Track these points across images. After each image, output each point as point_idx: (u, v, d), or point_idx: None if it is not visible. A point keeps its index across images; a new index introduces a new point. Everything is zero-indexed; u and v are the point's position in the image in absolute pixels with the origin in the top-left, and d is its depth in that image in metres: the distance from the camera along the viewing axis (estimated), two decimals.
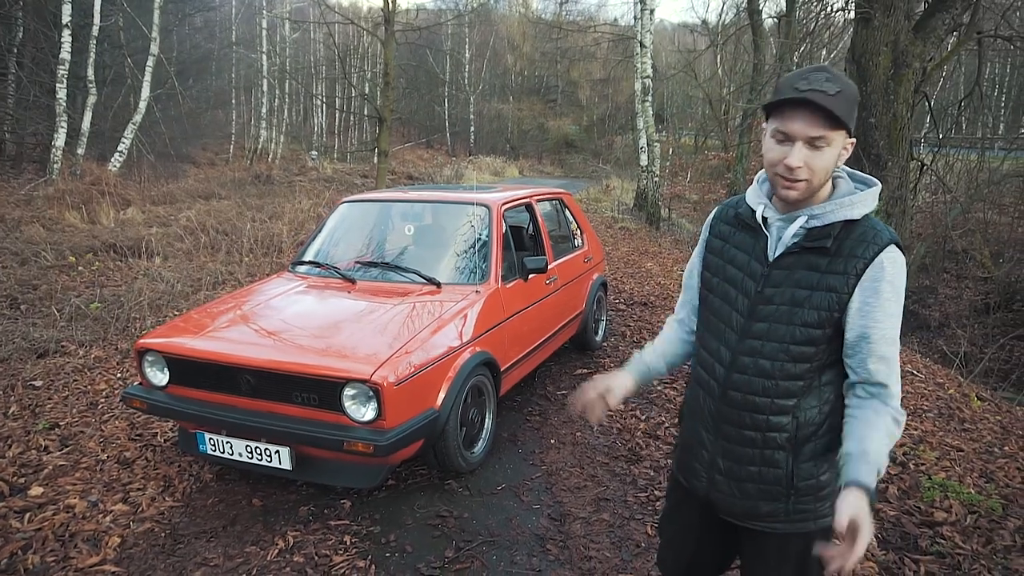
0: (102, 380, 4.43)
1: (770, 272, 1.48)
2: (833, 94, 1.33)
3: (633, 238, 12.00)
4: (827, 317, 1.41)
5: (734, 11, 19.40)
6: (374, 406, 2.80)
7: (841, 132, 1.36)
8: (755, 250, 1.51)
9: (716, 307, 1.59)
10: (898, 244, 1.41)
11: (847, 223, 1.41)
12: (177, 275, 7.10)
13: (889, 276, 1.38)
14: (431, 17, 26.67)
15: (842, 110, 1.33)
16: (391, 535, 2.86)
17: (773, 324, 1.46)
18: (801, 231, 1.44)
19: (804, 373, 1.45)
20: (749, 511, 1.55)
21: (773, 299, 1.46)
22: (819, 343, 1.43)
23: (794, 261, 1.45)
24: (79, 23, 14.21)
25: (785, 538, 1.53)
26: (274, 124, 26.99)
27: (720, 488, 1.58)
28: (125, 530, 2.86)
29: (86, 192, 11.93)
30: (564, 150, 35.20)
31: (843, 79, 1.37)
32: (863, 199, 1.42)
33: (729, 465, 1.56)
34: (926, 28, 6.70)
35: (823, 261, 1.41)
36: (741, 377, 1.51)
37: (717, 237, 1.62)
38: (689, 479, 1.67)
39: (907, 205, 7.24)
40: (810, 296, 1.42)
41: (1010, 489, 3.26)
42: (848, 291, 1.39)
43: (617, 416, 4.13)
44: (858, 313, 1.39)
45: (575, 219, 5.30)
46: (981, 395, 4.87)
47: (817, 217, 1.42)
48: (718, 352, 1.57)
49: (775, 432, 1.48)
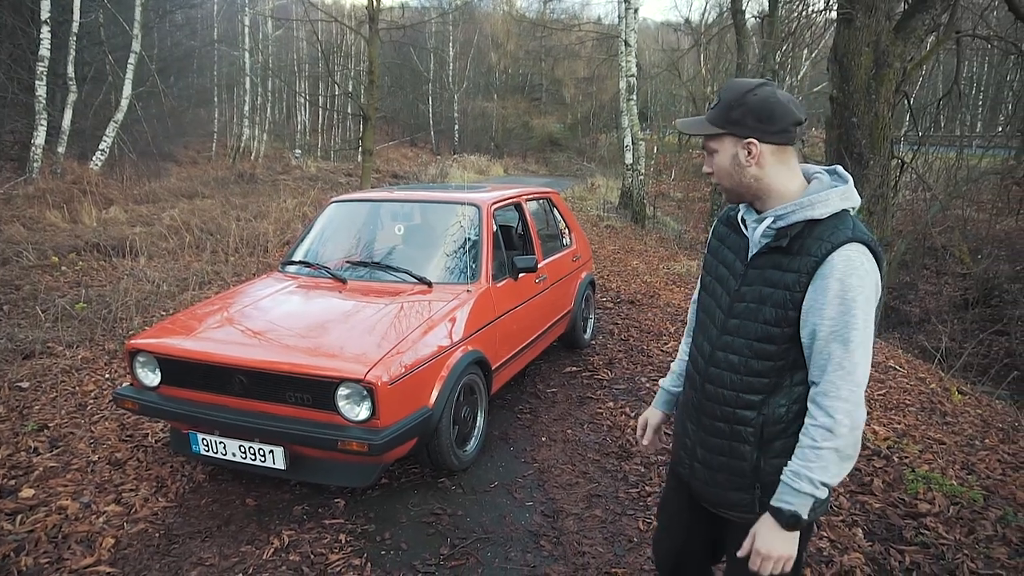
0: (90, 381, 4.40)
1: (746, 271, 1.54)
2: (712, 106, 1.49)
3: (619, 236, 12.06)
4: (783, 315, 1.45)
5: (717, 10, 19.55)
6: (368, 405, 2.82)
7: (725, 137, 1.48)
8: (740, 250, 1.58)
9: (706, 304, 1.67)
10: (866, 243, 1.40)
11: (810, 223, 1.44)
12: (163, 275, 7.05)
13: (839, 273, 1.37)
14: (415, 15, 26.58)
15: (713, 117, 1.48)
16: (386, 533, 2.88)
17: (743, 321, 1.52)
18: (770, 231, 1.49)
19: (768, 371, 1.49)
20: (721, 499, 1.62)
21: (746, 297, 1.52)
22: (778, 341, 1.46)
23: (765, 261, 1.50)
24: (58, 19, 14.04)
25: None
26: (257, 122, 26.77)
27: (698, 476, 1.66)
28: (119, 531, 2.85)
29: (67, 191, 11.81)
30: (549, 148, 35.24)
31: (729, 88, 1.49)
32: (824, 199, 1.44)
33: (704, 454, 1.63)
34: (906, 28, 6.81)
35: (785, 260, 1.46)
36: (715, 371, 1.58)
37: (716, 239, 1.70)
38: (677, 467, 1.77)
39: (888, 203, 7.35)
40: (772, 294, 1.47)
41: (991, 480, 3.34)
42: (800, 289, 1.42)
43: (607, 414, 4.17)
44: (808, 311, 1.41)
45: (563, 218, 5.34)
46: (962, 389, 4.97)
47: (782, 217, 1.47)
48: (702, 347, 1.65)
49: (741, 425, 1.54)
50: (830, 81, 7.33)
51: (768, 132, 1.44)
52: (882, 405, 4.31)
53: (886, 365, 5.24)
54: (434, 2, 32.68)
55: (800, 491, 1.40)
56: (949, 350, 7.71)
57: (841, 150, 6.98)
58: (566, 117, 37.99)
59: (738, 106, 1.44)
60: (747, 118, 1.44)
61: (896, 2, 7.40)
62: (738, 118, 1.45)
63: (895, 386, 4.75)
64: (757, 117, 1.44)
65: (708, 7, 32.40)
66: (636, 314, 6.50)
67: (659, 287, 7.82)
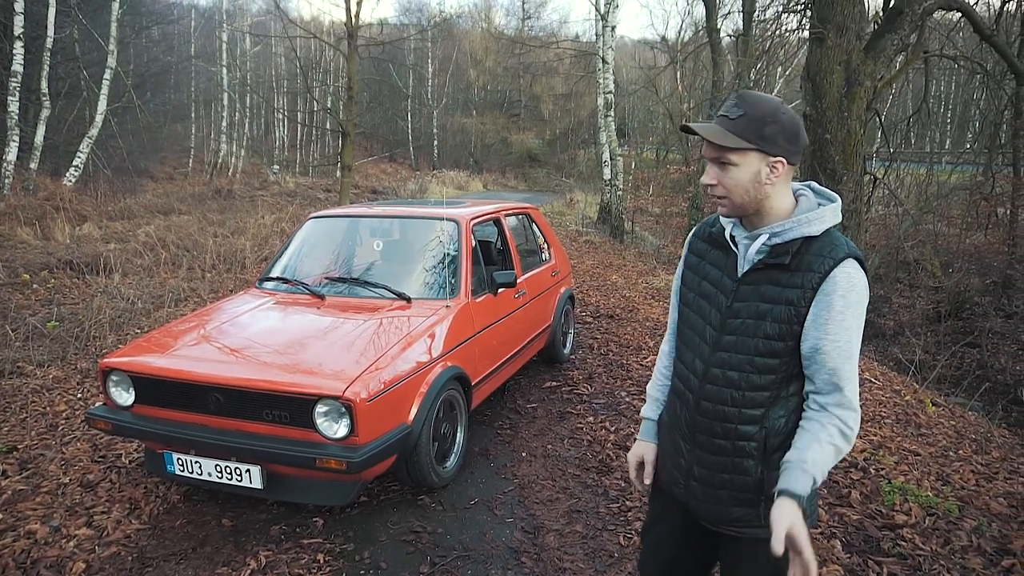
0: (62, 401, 4.31)
1: (738, 288, 1.54)
2: (734, 118, 1.44)
3: (598, 251, 12.13)
4: (787, 330, 1.46)
5: (693, 29, 19.86)
6: (347, 422, 2.79)
7: (750, 152, 1.44)
8: (727, 267, 1.59)
9: (692, 321, 1.66)
10: (858, 259, 1.45)
11: (807, 239, 1.47)
12: (138, 292, 6.96)
13: (842, 290, 1.42)
14: (394, 32, 26.70)
15: (740, 130, 1.43)
16: (365, 552, 2.85)
17: (740, 337, 1.52)
18: (765, 248, 1.51)
19: (769, 384, 1.51)
20: (722, 516, 1.60)
21: (740, 313, 1.53)
22: (781, 355, 1.48)
23: (759, 277, 1.51)
24: (32, 35, 13.88)
25: (757, 543, 1.58)
26: (235, 138, 26.66)
27: (695, 494, 1.64)
28: (90, 555, 2.78)
29: (39, 208, 11.62)
30: (528, 164, 35.44)
31: (755, 102, 1.45)
32: (821, 215, 1.48)
33: (703, 472, 1.61)
34: (876, 48, 6.96)
35: (784, 276, 1.48)
36: (712, 388, 1.57)
37: (694, 254, 1.70)
38: (670, 486, 1.73)
39: (862, 218, 7.48)
40: (772, 309, 1.48)
41: (965, 491, 3.39)
42: (805, 304, 1.44)
43: (587, 428, 4.17)
44: (812, 326, 1.44)
45: (542, 233, 5.36)
46: (936, 401, 5.05)
47: (778, 234, 1.49)
48: (693, 364, 1.63)
49: (744, 441, 1.54)
50: (803, 99, 7.46)
51: (793, 153, 1.46)
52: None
53: (862, 378, 5.30)
54: (413, 19, 32.85)
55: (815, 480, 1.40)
56: (923, 362, 7.83)
57: (815, 166, 7.10)
58: (545, 133, 38.28)
59: (772, 122, 1.43)
60: (780, 137, 1.43)
61: (866, 22, 7.58)
62: (771, 135, 1.43)
63: (871, 398, 4.80)
64: (787, 137, 1.44)
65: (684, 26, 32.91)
66: (615, 328, 6.52)
67: (638, 301, 7.86)
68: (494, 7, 43.29)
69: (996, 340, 10.91)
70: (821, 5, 6.93)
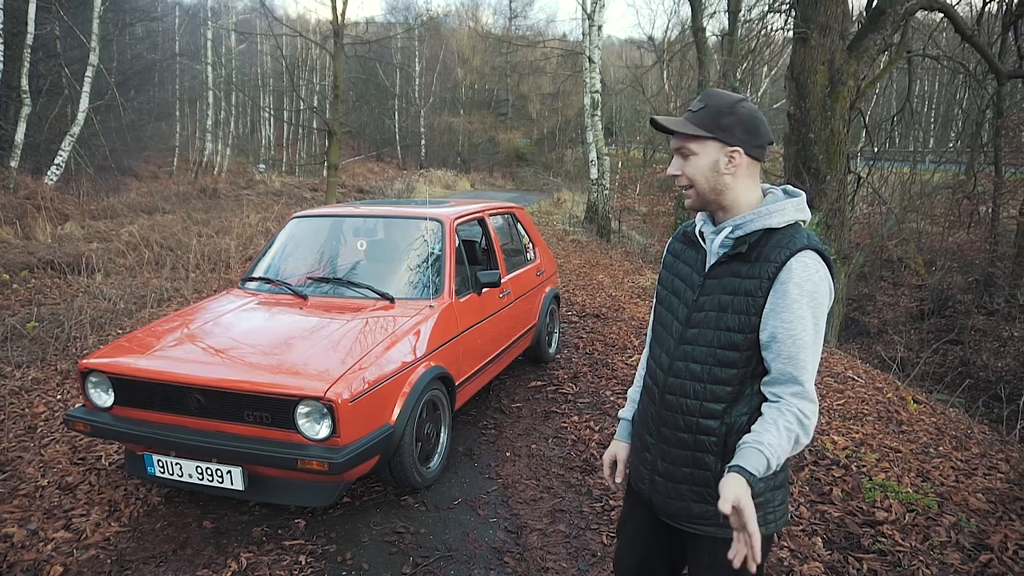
0: (41, 403, 4.26)
1: (704, 282, 1.57)
2: (696, 111, 1.52)
3: (584, 250, 12.14)
4: (746, 321, 1.48)
5: (679, 28, 19.92)
6: (328, 423, 2.78)
7: (708, 141, 1.50)
8: (696, 263, 1.61)
9: (663, 317, 1.69)
10: (818, 251, 1.47)
11: (768, 231, 1.49)
12: (120, 292, 6.89)
13: (797, 278, 1.43)
14: (381, 31, 26.60)
15: (700, 120, 1.50)
16: (347, 553, 2.83)
17: (703, 329, 1.54)
18: (728, 240, 1.53)
19: (731, 379, 1.51)
20: (683, 512, 1.61)
21: (705, 306, 1.55)
22: (741, 348, 1.49)
23: (723, 270, 1.54)
24: (12, 31, 13.71)
25: (717, 542, 1.58)
26: (220, 136, 26.45)
27: (659, 490, 1.65)
28: (68, 558, 2.75)
29: (20, 206, 11.48)
30: (515, 163, 35.43)
31: (717, 97, 1.52)
32: (781, 208, 1.50)
33: (666, 467, 1.62)
34: (859, 48, 7.01)
35: (744, 267, 1.50)
36: (676, 381, 1.58)
37: (671, 254, 1.73)
38: (636, 482, 1.74)
39: (845, 216, 7.53)
40: (732, 301, 1.50)
41: (945, 487, 3.42)
42: (762, 294, 1.46)
43: (572, 428, 4.17)
44: (768, 314, 1.46)
45: (527, 233, 5.35)
46: (917, 398, 5.09)
47: (740, 227, 1.51)
48: (660, 359, 1.65)
49: (704, 435, 1.54)
50: (788, 98, 7.51)
51: (752, 145, 1.50)
52: (841, 415, 4.39)
53: (845, 376, 5.34)
54: (400, 18, 32.76)
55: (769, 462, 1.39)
56: (905, 360, 7.90)
57: (799, 165, 7.15)
58: (532, 132, 38.29)
59: (729, 114, 1.48)
60: (736, 128, 1.48)
61: (849, 22, 7.63)
62: (728, 125, 1.48)
63: (853, 396, 4.84)
64: (745, 128, 1.49)
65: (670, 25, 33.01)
66: (601, 328, 6.53)
67: (624, 301, 7.88)
68: (481, 6, 43.28)
69: (978, 337, 11.04)
70: (804, 5, 6.98)
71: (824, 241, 7.18)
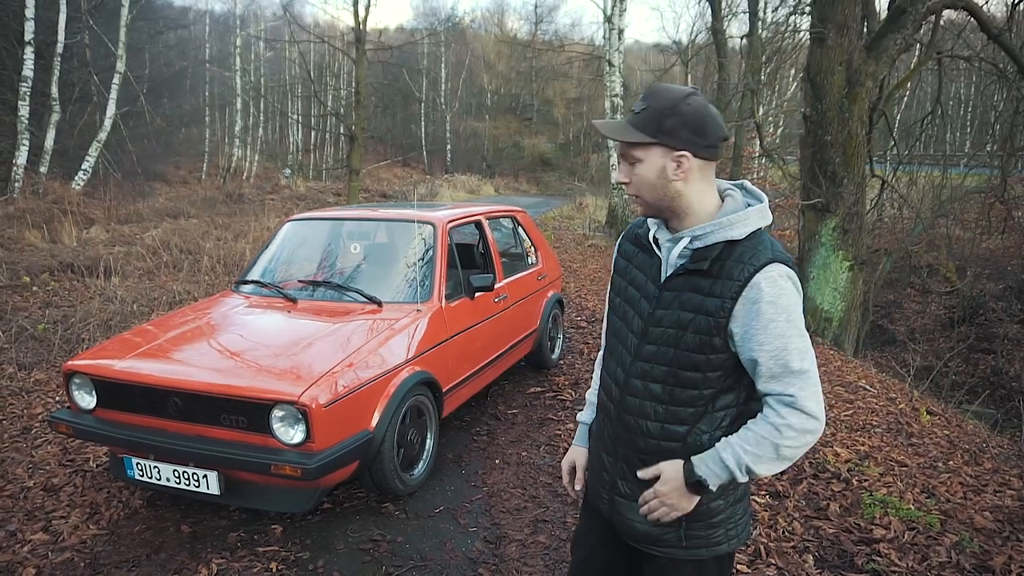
0: (39, 404, 4.30)
1: (661, 293, 1.45)
2: (638, 112, 1.38)
3: (602, 255, 12.02)
4: (707, 342, 1.37)
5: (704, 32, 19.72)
6: (302, 428, 2.74)
7: (652, 147, 1.37)
8: (651, 271, 1.49)
9: (617, 328, 1.57)
10: (784, 262, 1.36)
11: (729, 243, 1.37)
12: (133, 295, 6.97)
13: (768, 296, 1.32)
14: (404, 36, 26.80)
15: (641, 124, 1.37)
16: (320, 561, 2.78)
17: (661, 347, 1.43)
18: (687, 252, 1.41)
19: (694, 400, 1.41)
20: (644, 535, 1.51)
21: (662, 321, 1.43)
22: (703, 369, 1.39)
23: (681, 283, 1.42)
24: (44, 40, 14.06)
25: (679, 565, 1.50)
26: (248, 142, 26.86)
27: (619, 510, 1.55)
28: (42, 560, 2.75)
29: (48, 211, 11.74)
30: (540, 168, 35.39)
31: (659, 95, 1.37)
32: (744, 217, 1.38)
33: (626, 487, 1.53)
34: (878, 48, 6.82)
35: (705, 283, 1.38)
36: (634, 401, 1.48)
37: (623, 257, 1.61)
38: (595, 501, 1.65)
39: (864, 221, 7.31)
40: (693, 319, 1.38)
41: (950, 504, 3.26)
42: (724, 315, 1.35)
43: (566, 435, 4.08)
44: (743, 339, 1.34)
45: (529, 237, 5.28)
46: (931, 409, 4.89)
47: (699, 238, 1.39)
48: (615, 373, 1.54)
49: (668, 457, 1.45)
50: (804, 100, 7.33)
51: (701, 146, 1.37)
52: (848, 426, 4.23)
53: (856, 385, 5.17)
54: (424, 24, 32.99)
55: (724, 463, 1.35)
56: (931, 369, 7.64)
57: (815, 168, 6.97)
58: (557, 137, 38.22)
59: (672, 115, 1.35)
60: (681, 129, 1.35)
61: (876, 21, 7.41)
62: (671, 128, 1.35)
63: (863, 406, 4.67)
64: (691, 129, 1.36)
65: (694, 29, 32.73)
66: None
67: None
68: (507, 11, 43.33)
69: (1011, 347, 10.65)
70: (821, 5, 6.80)
71: (840, 246, 7.01)
